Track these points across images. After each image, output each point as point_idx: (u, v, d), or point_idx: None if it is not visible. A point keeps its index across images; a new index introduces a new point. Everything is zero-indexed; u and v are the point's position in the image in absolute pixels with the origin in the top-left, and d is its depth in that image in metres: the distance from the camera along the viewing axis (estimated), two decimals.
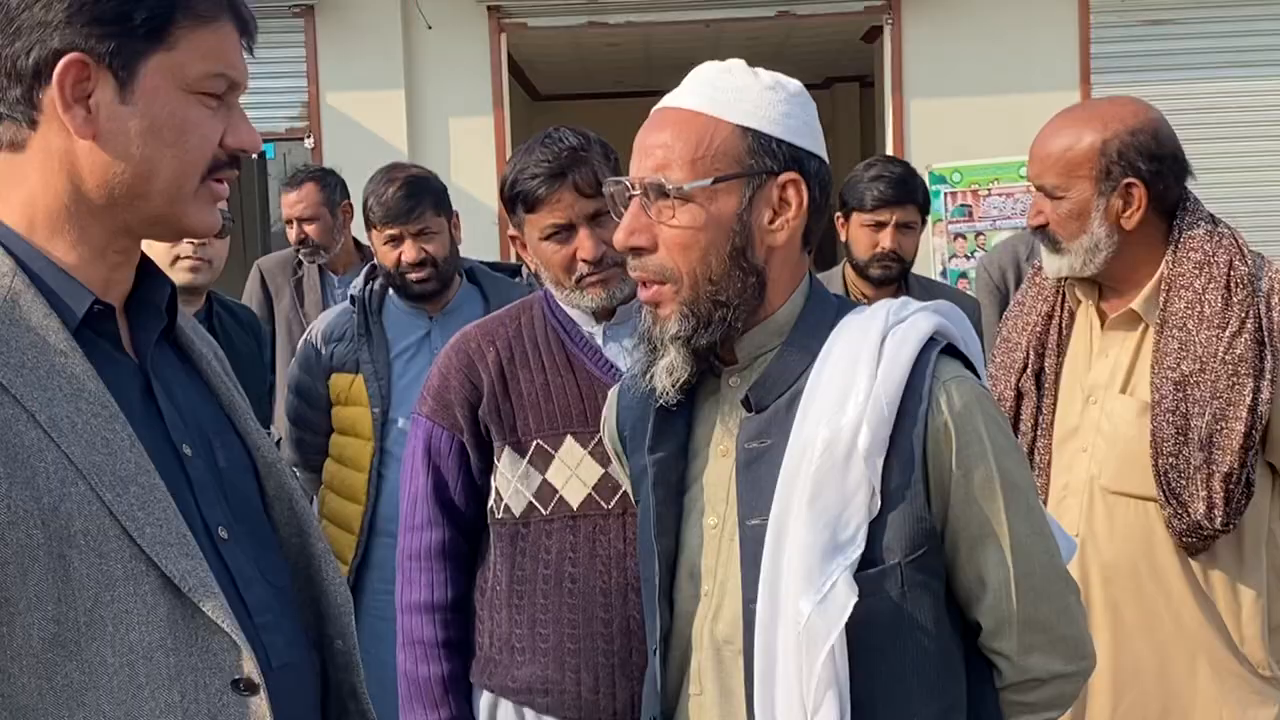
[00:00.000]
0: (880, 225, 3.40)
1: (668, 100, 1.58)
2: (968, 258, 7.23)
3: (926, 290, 3.44)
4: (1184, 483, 2.11)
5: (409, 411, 2.99)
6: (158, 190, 1.24)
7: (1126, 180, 2.17)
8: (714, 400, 1.61)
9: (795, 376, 1.54)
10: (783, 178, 1.53)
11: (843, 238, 3.52)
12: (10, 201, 1.24)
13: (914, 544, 1.48)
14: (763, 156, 1.52)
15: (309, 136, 7.91)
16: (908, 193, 3.40)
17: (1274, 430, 2.13)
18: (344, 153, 7.59)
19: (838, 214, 3.54)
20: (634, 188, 1.54)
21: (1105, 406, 2.23)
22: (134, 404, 1.25)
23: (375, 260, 3.20)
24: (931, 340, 1.53)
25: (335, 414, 3.21)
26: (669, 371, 1.55)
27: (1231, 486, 2.10)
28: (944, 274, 7.27)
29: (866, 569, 1.46)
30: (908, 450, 1.47)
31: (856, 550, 1.45)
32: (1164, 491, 2.13)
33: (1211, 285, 2.14)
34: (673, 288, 1.53)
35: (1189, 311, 2.14)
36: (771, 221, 1.54)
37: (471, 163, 7.94)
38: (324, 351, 3.18)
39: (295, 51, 7.75)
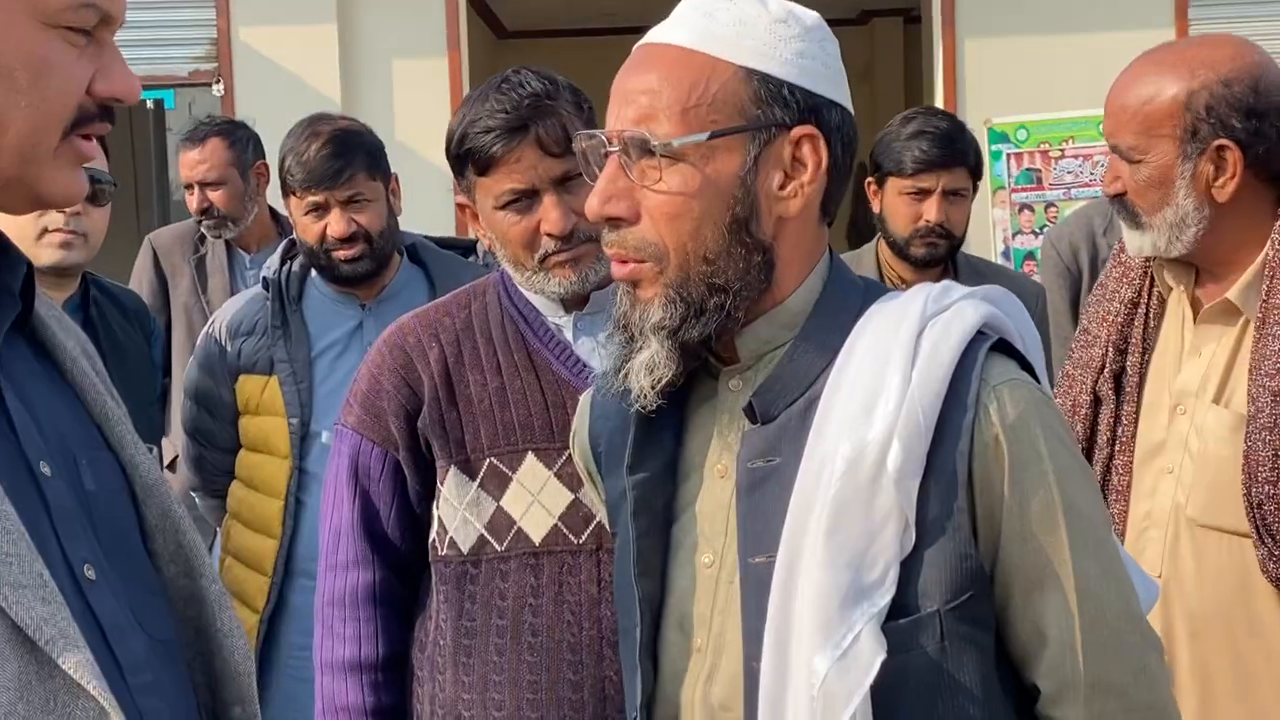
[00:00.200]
0: (923, 193, 3.42)
1: (654, 35, 1.58)
2: (1036, 234, 7.25)
3: (978, 274, 3.46)
4: None
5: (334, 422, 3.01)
6: (8, 147, 1.24)
7: (1217, 141, 2.18)
8: (710, 407, 1.61)
9: (811, 379, 1.54)
10: (796, 132, 1.53)
11: (876, 209, 3.53)
12: None
13: (957, 588, 1.48)
14: (771, 106, 1.52)
15: (218, 81, 7.92)
16: (956, 153, 3.42)
17: None
18: (261, 102, 7.58)
19: (869, 180, 3.55)
20: (611, 143, 1.54)
21: (1196, 418, 2.24)
22: None
23: (294, 235, 3.20)
24: (979, 335, 1.52)
25: (244, 426, 3.21)
26: (649, 369, 1.54)
27: None
28: (1006, 254, 7.30)
29: (897, 618, 1.46)
30: (949, 472, 1.47)
31: (885, 595, 1.45)
32: (1258, 527, 2.14)
33: None
34: (655, 266, 1.53)
35: None
36: (782, 186, 1.54)
37: (420, 115, 7.94)
38: (230, 348, 3.19)
39: None
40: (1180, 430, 2.26)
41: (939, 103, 8.18)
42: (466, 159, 2.09)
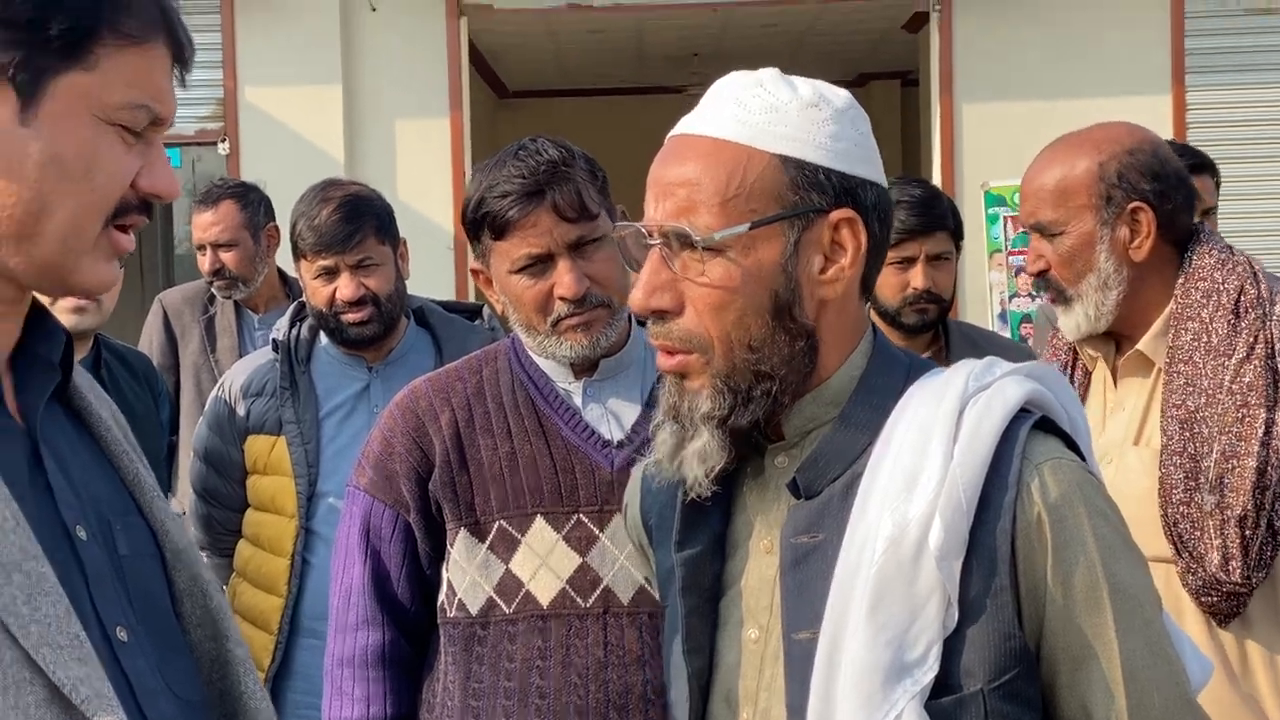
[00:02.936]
0: (908, 261, 3.44)
1: (687, 126, 1.59)
2: (1032, 297, 7.30)
3: (970, 340, 3.49)
4: (1196, 532, 2.27)
5: (340, 483, 3.03)
6: (50, 232, 1.29)
7: (1131, 204, 2.36)
8: (756, 483, 1.62)
9: (854, 455, 1.54)
10: (834, 216, 1.54)
11: None
12: None
13: (1000, 667, 1.47)
14: (809, 192, 1.53)
15: (224, 140, 7.99)
16: (935, 218, 3.44)
17: None
18: (267, 161, 7.66)
19: None
20: (652, 236, 1.54)
21: (1118, 463, 2.39)
22: (19, 477, 1.29)
23: (304, 297, 3.25)
24: (1022, 412, 1.52)
25: (251, 485, 3.25)
26: (701, 459, 1.54)
27: (1249, 532, 2.24)
28: (1003, 316, 7.35)
29: (940, 697, 1.45)
30: (991, 550, 1.47)
31: (928, 674, 1.45)
32: (1175, 544, 2.29)
33: (1219, 313, 2.33)
34: (702, 357, 1.54)
35: (1195, 344, 2.33)
36: (823, 270, 1.55)
37: (423, 174, 8.02)
38: (240, 409, 3.23)
39: (210, 37, 7.84)
40: (1107, 477, 2.36)
41: (936, 165, 8.26)
42: (483, 223, 2.13)
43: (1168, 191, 2.38)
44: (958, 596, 1.46)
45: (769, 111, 1.55)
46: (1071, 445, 1.56)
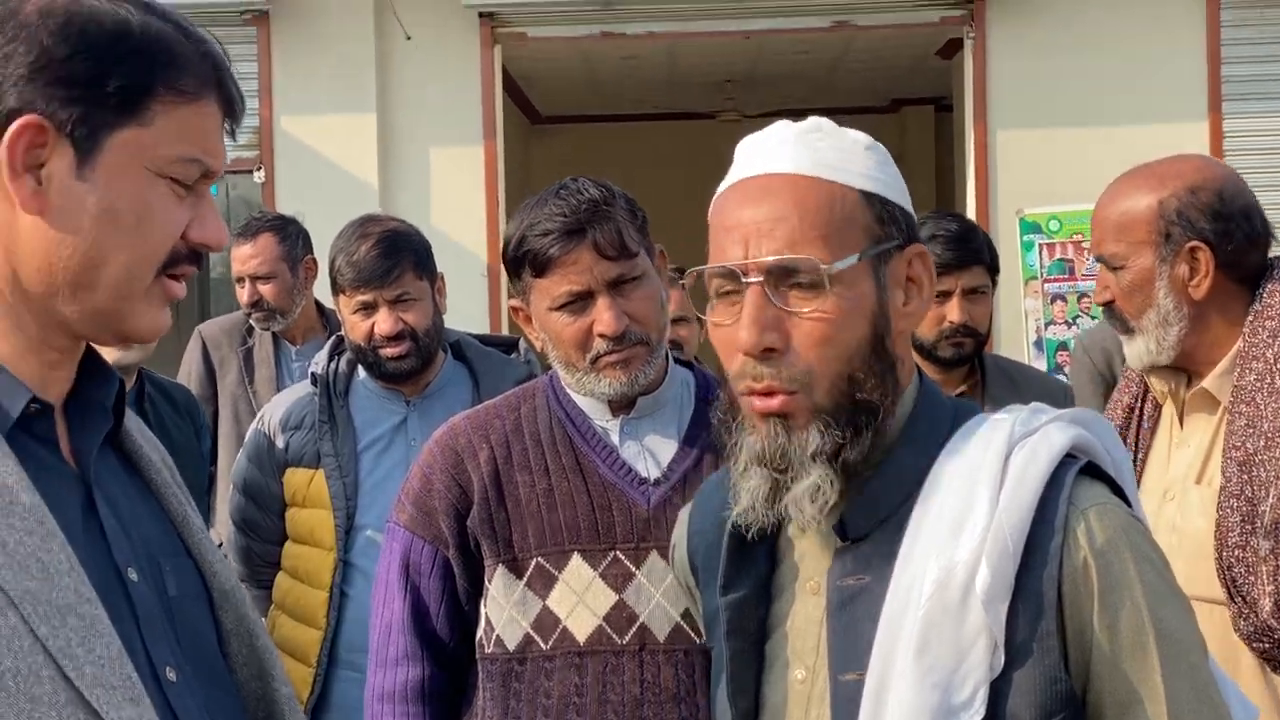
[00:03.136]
0: (944, 295, 3.46)
1: (758, 168, 1.59)
2: (1069, 324, 7.30)
3: (1005, 374, 3.51)
4: (1250, 577, 2.24)
5: (378, 516, 3.06)
6: (106, 281, 1.33)
7: (1189, 243, 2.36)
8: (803, 525, 1.62)
9: (901, 499, 1.56)
10: (910, 250, 1.60)
11: None
12: None
13: (1046, 710, 1.48)
14: (890, 226, 1.57)
15: (259, 169, 8.06)
16: (971, 252, 3.46)
17: None
18: (302, 189, 7.73)
19: None
20: (749, 275, 1.54)
21: (1180, 501, 2.38)
22: (73, 520, 1.32)
23: (342, 331, 3.28)
24: (1068, 458, 1.54)
25: (290, 518, 3.28)
26: (811, 497, 1.54)
27: None
28: (1039, 343, 7.35)
29: None
30: (1037, 595, 1.48)
31: (975, 716, 1.46)
32: (1228, 588, 2.27)
33: None
34: (806, 397, 1.54)
35: (1258, 384, 2.30)
36: (906, 303, 1.59)
37: (457, 201, 8.07)
38: (279, 442, 3.26)
39: (246, 66, 7.90)
40: (1168, 514, 2.40)
41: (970, 192, 8.26)
42: (524, 260, 2.16)
43: (1231, 231, 2.36)
44: (1004, 640, 1.48)
45: (839, 151, 1.59)
46: (1117, 490, 1.58)
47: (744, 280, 1.55)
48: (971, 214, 7.95)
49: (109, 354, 2.96)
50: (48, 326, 1.35)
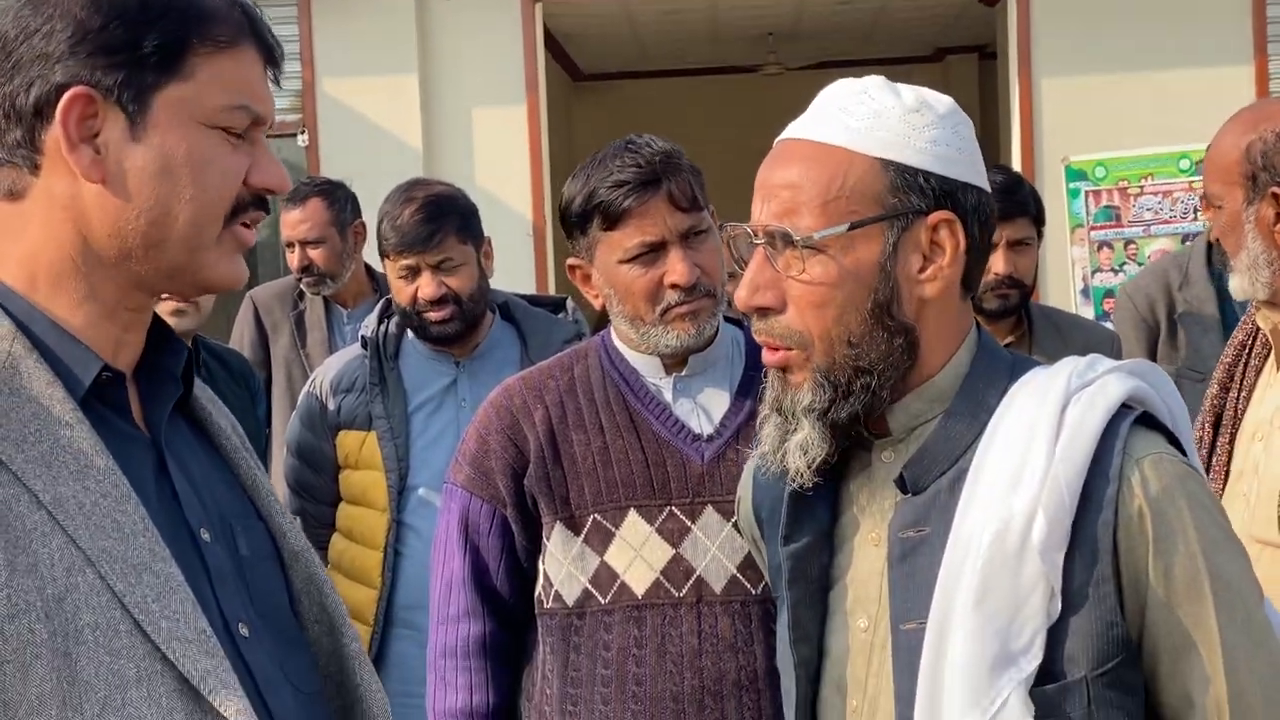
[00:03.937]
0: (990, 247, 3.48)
1: (793, 131, 1.66)
2: (1115, 271, 7.26)
3: (1052, 323, 3.52)
4: None
5: (431, 476, 3.12)
6: (176, 237, 1.37)
7: (1273, 188, 2.36)
8: (864, 478, 1.68)
9: (960, 451, 1.60)
10: (933, 218, 1.60)
11: None
12: (10, 256, 1.37)
13: (1103, 655, 1.52)
14: (908, 194, 1.59)
15: (302, 132, 8.10)
16: (1017, 204, 3.47)
17: None
18: (345, 151, 7.76)
19: None
20: (757, 235, 1.62)
21: (1267, 441, 2.38)
22: (146, 483, 1.37)
23: (390, 295, 3.33)
24: (1124, 408, 1.57)
25: (343, 479, 3.33)
26: (802, 449, 1.62)
27: None
28: (1085, 291, 7.31)
29: (1044, 684, 1.50)
30: (1093, 543, 1.51)
31: (1033, 662, 1.50)
32: None
33: None
34: (803, 353, 1.61)
35: None
36: (921, 270, 1.61)
37: (501, 160, 8.09)
38: (331, 404, 3.30)
39: (286, 30, 7.94)
40: (1255, 456, 2.39)
41: (1015, 141, 8.21)
42: (592, 215, 2.19)
43: None
44: (1061, 587, 1.51)
45: (872, 117, 1.61)
46: (1173, 441, 1.60)
47: (752, 241, 1.63)
48: (1016, 162, 7.92)
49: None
50: (125, 288, 1.39)
